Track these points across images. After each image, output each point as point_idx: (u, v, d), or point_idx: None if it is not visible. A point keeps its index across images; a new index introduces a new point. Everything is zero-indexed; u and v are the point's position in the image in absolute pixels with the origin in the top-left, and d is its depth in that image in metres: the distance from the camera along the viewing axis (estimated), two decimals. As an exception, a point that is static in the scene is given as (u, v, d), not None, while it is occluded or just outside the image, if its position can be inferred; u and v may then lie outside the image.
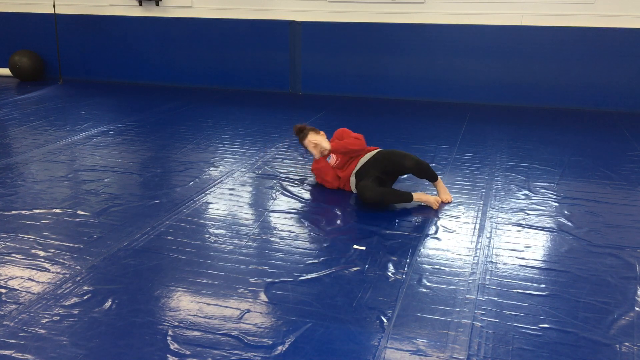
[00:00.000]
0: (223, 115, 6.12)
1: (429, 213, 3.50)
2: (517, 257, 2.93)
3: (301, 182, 4.04)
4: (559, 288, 2.64)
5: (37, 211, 3.46)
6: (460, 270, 2.80)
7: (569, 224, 3.35)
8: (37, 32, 8.20)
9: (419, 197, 3.58)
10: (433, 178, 3.66)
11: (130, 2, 7.77)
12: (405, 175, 4.07)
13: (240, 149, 4.83)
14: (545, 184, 4.03)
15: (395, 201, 3.56)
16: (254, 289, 2.60)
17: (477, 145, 5.02)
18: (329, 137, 3.98)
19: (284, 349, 2.18)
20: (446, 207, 3.58)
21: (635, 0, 6.25)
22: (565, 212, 3.53)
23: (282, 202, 3.68)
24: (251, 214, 3.50)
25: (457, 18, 6.74)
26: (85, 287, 2.59)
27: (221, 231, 3.21)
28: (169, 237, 3.12)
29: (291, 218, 3.46)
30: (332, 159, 3.88)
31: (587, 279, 2.73)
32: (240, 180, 4.07)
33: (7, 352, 2.13)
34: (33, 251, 2.94)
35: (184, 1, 7.61)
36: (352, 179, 3.78)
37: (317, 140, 3.86)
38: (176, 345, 2.18)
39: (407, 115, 6.27)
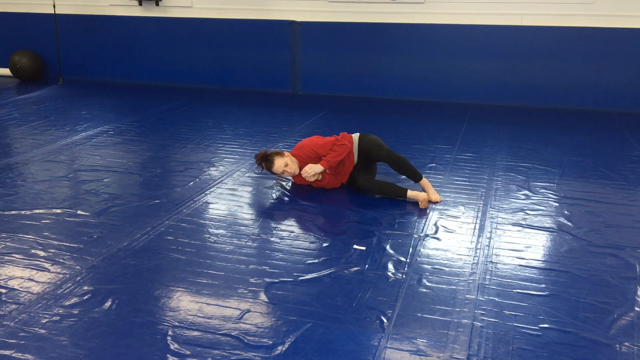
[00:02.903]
0: (223, 115, 6.12)
1: (429, 213, 3.50)
2: (517, 257, 2.93)
3: (301, 182, 4.04)
4: (559, 288, 2.64)
5: (37, 211, 3.46)
6: (460, 270, 2.80)
7: (569, 224, 3.35)
8: (37, 32, 8.20)
9: (412, 194, 3.61)
10: (415, 177, 3.70)
11: (130, 2, 7.77)
12: (404, 177, 4.07)
13: (240, 149, 4.83)
14: (545, 184, 4.03)
15: (387, 193, 3.62)
16: (254, 289, 2.60)
17: (477, 145, 5.02)
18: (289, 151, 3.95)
19: (284, 349, 2.18)
20: (446, 207, 3.58)
21: (635, 0, 6.25)
22: (565, 212, 3.53)
23: (282, 202, 3.68)
24: (251, 214, 3.50)
25: (457, 18, 6.74)
26: (85, 287, 2.59)
27: (221, 231, 3.21)
28: (169, 237, 3.12)
29: (291, 218, 3.46)
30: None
31: (587, 279, 2.73)
32: (240, 180, 4.07)
33: (7, 352, 2.13)
34: (33, 251, 2.94)
35: (184, 1, 7.61)
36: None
37: (310, 170, 3.69)
38: (176, 345, 2.18)
39: (407, 115, 6.27)
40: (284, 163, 3.71)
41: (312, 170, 3.71)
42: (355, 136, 3.89)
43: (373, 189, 3.65)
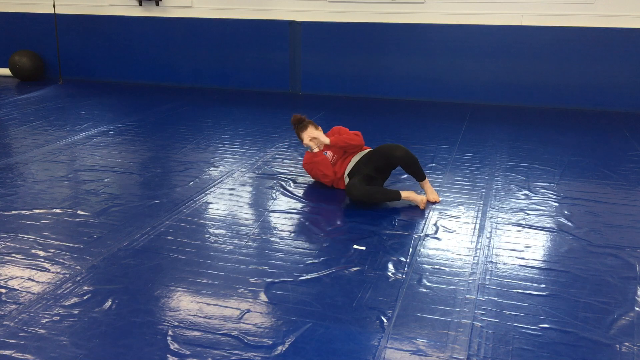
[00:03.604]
0: (223, 115, 6.12)
1: (429, 213, 3.50)
2: (517, 257, 2.93)
3: (301, 182, 4.04)
4: (559, 288, 2.64)
5: (37, 211, 3.46)
6: (460, 270, 2.80)
7: (569, 224, 3.35)
8: (37, 32, 8.20)
9: (407, 195, 3.57)
10: (420, 176, 3.67)
11: (130, 2, 7.77)
12: (405, 176, 4.07)
13: (240, 149, 4.83)
14: (545, 184, 4.03)
15: (383, 199, 3.57)
16: (254, 289, 2.60)
17: (477, 145, 5.02)
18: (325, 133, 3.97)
19: (284, 349, 2.18)
20: (446, 207, 3.58)
21: (635, 0, 6.25)
22: (565, 212, 3.53)
23: (282, 202, 3.68)
24: (251, 214, 3.50)
25: (457, 18, 6.74)
26: (85, 287, 2.59)
27: (221, 231, 3.21)
28: (169, 237, 3.12)
29: (291, 218, 3.46)
30: (329, 154, 3.87)
31: (587, 279, 2.73)
32: (240, 180, 4.07)
33: (7, 352, 2.13)
34: (33, 251, 2.94)
35: (184, 1, 7.61)
36: (346, 179, 3.79)
37: (316, 135, 3.80)
38: (176, 345, 2.18)
39: (407, 115, 6.27)
40: (314, 134, 3.80)
41: (318, 135, 3.79)
42: (367, 149, 3.88)
43: (370, 198, 3.54)
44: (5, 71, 8.32)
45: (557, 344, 2.23)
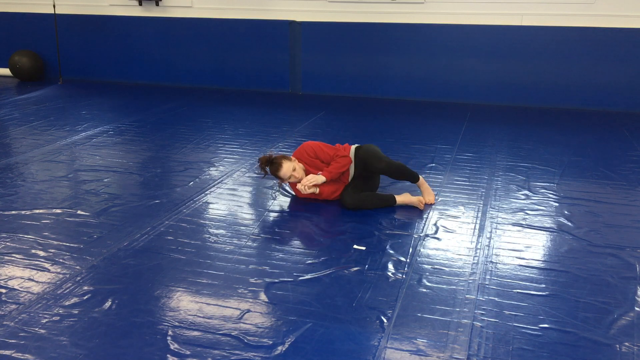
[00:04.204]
0: (223, 115, 6.12)
1: (429, 213, 3.50)
2: (517, 257, 2.93)
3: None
4: (559, 288, 2.64)
5: (37, 211, 3.46)
6: (460, 270, 2.80)
7: (569, 224, 3.35)
8: (37, 32, 8.20)
9: (402, 199, 3.57)
10: (413, 179, 3.65)
11: (130, 2, 7.77)
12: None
13: (240, 149, 4.83)
14: (545, 184, 4.03)
15: (376, 205, 3.55)
16: (254, 289, 2.60)
17: (477, 145, 5.02)
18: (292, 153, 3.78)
19: (284, 349, 2.18)
20: (446, 207, 3.58)
21: (635, 0, 6.25)
22: (565, 212, 3.53)
23: (282, 202, 3.68)
24: (251, 214, 3.50)
25: (457, 18, 6.74)
26: (85, 287, 2.59)
27: (221, 231, 3.21)
28: (169, 237, 3.12)
29: (291, 218, 3.46)
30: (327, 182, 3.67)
31: (587, 279, 2.73)
32: (240, 180, 4.07)
33: (7, 352, 2.13)
34: (33, 251, 2.94)
35: (184, 1, 7.61)
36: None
37: (312, 181, 3.49)
38: (176, 345, 2.18)
39: (407, 115, 6.27)
40: (292, 167, 3.50)
41: (314, 180, 3.49)
42: (353, 147, 3.70)
43: (363, 206, 3.53)
44: (5, 71, 8.32)
45: (557, 344, 2.23)
